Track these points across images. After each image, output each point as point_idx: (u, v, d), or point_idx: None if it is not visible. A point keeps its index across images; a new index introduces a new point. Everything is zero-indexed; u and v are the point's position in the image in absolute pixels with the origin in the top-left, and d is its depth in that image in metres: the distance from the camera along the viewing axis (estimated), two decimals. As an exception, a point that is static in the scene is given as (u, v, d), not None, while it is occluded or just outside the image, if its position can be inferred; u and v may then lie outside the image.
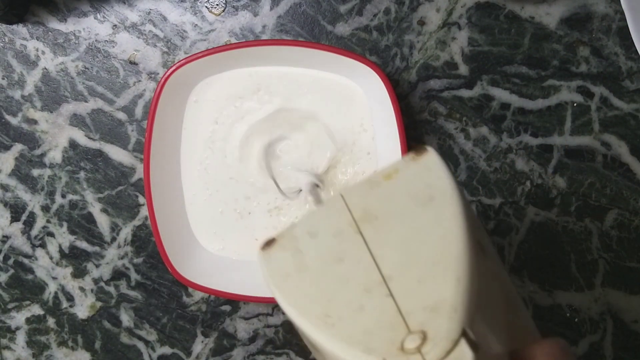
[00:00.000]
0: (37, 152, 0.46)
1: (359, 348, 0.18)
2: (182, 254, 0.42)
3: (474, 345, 0.17)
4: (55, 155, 0.46)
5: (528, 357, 0.20)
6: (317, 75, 0.41)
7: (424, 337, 0.18)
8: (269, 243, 0.23)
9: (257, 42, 0.41)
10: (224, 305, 0.46)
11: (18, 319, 0.47)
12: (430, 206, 0.20)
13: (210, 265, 0.42)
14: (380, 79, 0.38)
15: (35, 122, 0.45)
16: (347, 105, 0.42)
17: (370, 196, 0.22)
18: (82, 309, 0.47)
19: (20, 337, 0.47)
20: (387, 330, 0.18)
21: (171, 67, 0.39)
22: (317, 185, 0.41)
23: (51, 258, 0.47)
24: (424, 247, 0.20)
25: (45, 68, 0.45)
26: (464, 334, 0.17)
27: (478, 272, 0.19)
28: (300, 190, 0.42)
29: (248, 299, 0.41)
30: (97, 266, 0.46)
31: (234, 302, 0.46)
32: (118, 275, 0.46)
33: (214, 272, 0.42)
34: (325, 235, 0.22)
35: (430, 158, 0.22)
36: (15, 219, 0.46)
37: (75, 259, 0.46)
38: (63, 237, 0.46)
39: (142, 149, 0.45)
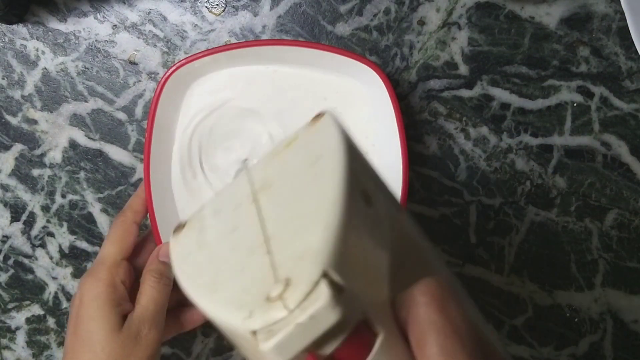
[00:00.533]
0: (37, 152, 0.46)
1: (232, 306, 0.19)
2: None
3: (336, 286, 0.17)
4: (55, 155, 0.46)
5: (409, 298, 0.20)
6: (318, 75, 0.41)
7: (288, 284, 0.18)
8: (179, 227, 0.23)
9: (257, 42, 0.41)
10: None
11: (18, 319, 0.47)
12: (316, 165, 0.21)
13: None
14: (380, 79, 0.38)
15: (35, 122, 0.45)
16: (349, 105, 0.42)
17: (270, 166, 0.23)
18: (82, 309, 0.47)
19: (20, 337, 0.47)
20: (259, 285, 0.19)
21: (171, 67, 0.39)
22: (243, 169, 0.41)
23: (51, 258, 0.47)
24: (302, 203, 0.20)
25: (45, 68, 0.45)
26: (325, 275, 0.17)
27: (352, 219, 0.19)
28: None
29: None
30: (97, 266, 0.46)
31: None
32: (118, 275, 0.46)
33: None
34: (226, 211, 0.23)
35: (325, 121, 0.22)
36: (15, 219, 0.46)
37: (75, 259, 0.46)
38: (63, 237, 0.46)
39: (142, 149, 0.45)
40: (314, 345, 0.18)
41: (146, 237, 0.41)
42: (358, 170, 0.21)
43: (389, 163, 0.40)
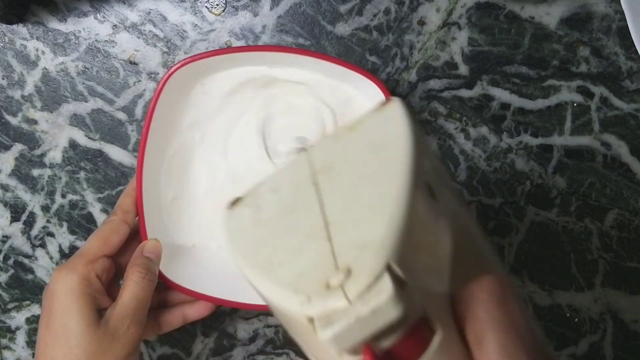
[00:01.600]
0: (37, 152, 0.46)
1: (289, 289, 0.18)
2: (166, 255, 0.42)
3: (399, 281, 0.17)
4: (55, 155, 0.46)
5: (467, 295, 0.20)
6: (317, 79, 0.41)
7: (349, 274, 0.18)
8: (235, 202, 0.23)
9: (257, 47, 0.41)
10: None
11: (18, 319, 0.47)
12: (381, 152, 0.21)
13: (201, 268, 0.42)
14: (378, 88, 0.38)
15: (35, 122, 0.45)
16: (347, 112, 0.42)
17: (332, 149, 0.22)
18: (82, 309, 0.47)
19: (20, 337, 0.47)
20: (318, 270, 0.18)
21: (172, 67, 0.39)
22: (304, 149, 0.40)
23: (51, 258, 0.47)
24: (366, 191, 0.20)
25: (45, 68, 0.45)
26: (388, 269, 0.17)
27: (417, 213, 0.19)
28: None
29: (236, 305, 0.41)
30: (97, 266, 0.46)
31: (234, 302, 0.46)
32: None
33: (200, 275, 0.42)
34: (285, 190, 0.22)
35: (393, 107, 0.22)
36: (15, 219, 0.46)
37: (75, 259, 0.46)
38: (63, 237, 0.46)
39: (142, 149, 0.45)
40: (372, 338, 0.17)
41: (132, 237, 0.40)
42: (424, 162, 0.20)
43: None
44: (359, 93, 0.41)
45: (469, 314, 0.19)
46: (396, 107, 0.22)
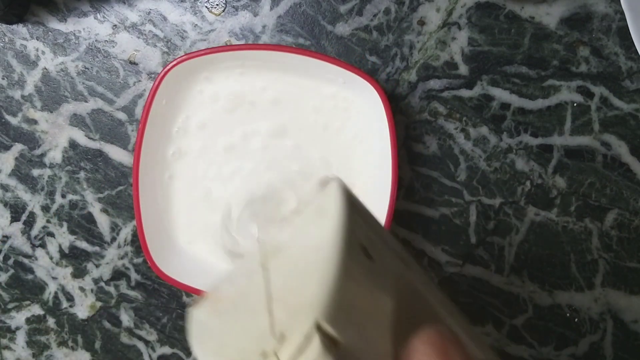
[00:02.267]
0: (37, 152, 0.46)
1: None
2: (162, 251, 0.42)
3: (330, 339, 0.17)
4: (55, 155, 0.46)
5: (409, 348, 0.19)
6: (314, 84, 0.41)
7: (282, 339, 0.18)
8: (198, 300, 0.24)
9: (253, 45, 0.41)
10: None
11: (18, 319, 0.47)
12: (317, 224, 0.22)
13: (193, 265, 0.42)
14: (376, 92, 0.38)
15: (35, 122, 0.45)
16: (343, 115, 0.42)
17: (280, 233, 0.24)
18: (82, 309, 0.47)
19: (20, 337, 0.47)
20: (258, 343, 0.19)
21: (167, 65, 0.39)
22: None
23: (51, 258, 0.47)
24: (304, 261, 0.21)
25: (45, 68, 0.45)
26: (318, 328, 0.17)
27: (350, 273, 0.19)
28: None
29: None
30: (97, 266, 0.46)
31: (234, 302, 0.46)
32: (118, 275, 0.46)
33: (195, 271, 0.42)
34: (239, 280, 0.23)
35: (332, 185, 0.23)
36: (15, 219, 0.46)
37: (75, 259, 0.46)
38: (63, 237, 0.46)
39: (142, 149, 0.45)
40: None
41: None
42: (358, 228, 0.21)
43: (383, 169, 0.40)
44: (358, 99, 0.41)
45: None
46: (335, 184, 0.23)
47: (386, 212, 0.39)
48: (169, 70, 0.39)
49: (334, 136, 0.42)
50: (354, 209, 0.22)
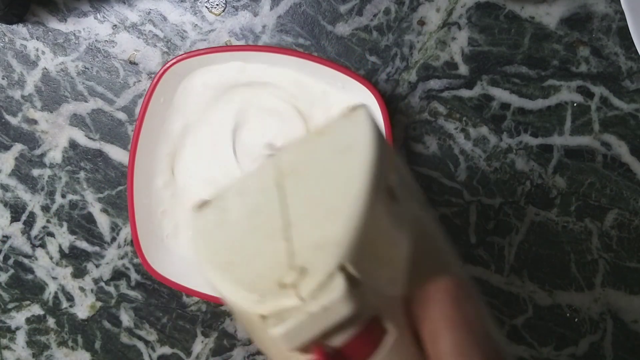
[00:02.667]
0: (37, 152, 0.46)
1: (244, 288, 0.19)
2: (157, 252, 0.42)
3: (352, 280, 0.17)
4: (55, 155, 0.46)
5: (424, 295, 0.19)
6: (311, 83, 0.41)
7: (303, 273, 0.18)
8: (202, 205, 0.24)
9: (253, 47, 0.41)
10: (224, 305, 0.46)
11: (18, 319, 0.47)
12: (345, 156, 0.21)
13: (187, 265, 0.43)
14: (373, 96, 0.38)
15: (35, 122, 0.45)
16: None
17: (299, 152, 0.23)
18: (82, 309, 0.47)
19: (20, 337, 0.47)
20: (274, 270, 0.19)
21: (166, 63, 0.40)
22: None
23: (51, 258, 0.47)
24: (328, 193, 0.20)
25: (45, 68, 0.45)
26: (342, 268, 0.17)
27: (376, 215, 0.19)
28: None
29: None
30: (97, 266, 0.46)
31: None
32: (118, 275, 0.46)
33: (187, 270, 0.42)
34: (250, 193, 0.23)
35: (359, 113, 0.22)
36: (15, 219, 0.46)
37: (75, 259, 0.46)
38: (63, 237, 0.46)
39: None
40: (323, 336, 0.18)
41: None
42: (385, 166, 0.21)
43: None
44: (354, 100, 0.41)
45: (424, 314, 0.19)
46: (362, 113, 0.22)
47: None
48: (167, 68, 0.39)
49: None
50: (381, 144, 0.21)
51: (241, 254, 0.20)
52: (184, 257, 0.43)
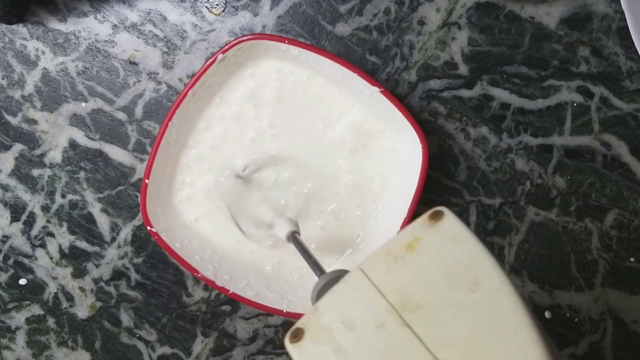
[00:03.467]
0: (37, 152, 0.46)
1: None
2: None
3: None
4: (55, 155, 0.46)
5: None
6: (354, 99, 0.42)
7: None
8: (296, 334, 0.21)
9: (319, 50, 0.40)
10: (224, 305, 0.46)
11: (18, 319, 0.47)
12: (478, 293, 0.19)
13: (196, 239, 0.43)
14: (420, 145, 0.39)
15: (35, 122, 0.45)
16: (370, 147, 0.42)
17: (399, 274, 0.21)
18: (82, 309, 0.47)
19: (20, 337, 0.47)
20: None
21: (234, 39, 0.39)
22: (296, 232, 0.38)
23: (51, 258, 0.47)
24: (491, 341, 0.19)
25: (45, 68, 0.45)
26: None
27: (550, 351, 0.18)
28: (272, 233, 0.42)
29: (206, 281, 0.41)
30: (97, 266, 0.46)
31: (234, 302, 0.46)
32: (118, 275, 0.46)
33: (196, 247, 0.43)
34: (365, 328, 0.20)
35: (450, 224, 0.20)
36: (15, 219, 0.46)
37: (75, 259, 0.46)
38: (63, 237, 0.46)
39: (142, 149, 0.45)
40: None
41: None
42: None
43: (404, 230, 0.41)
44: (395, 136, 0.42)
45: None
46: (454, 223, 0.20)
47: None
48: (235, 44, 0.39)
49: (357, 164, 0.43)
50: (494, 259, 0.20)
51: None
52: (197, 231, 0.43)
